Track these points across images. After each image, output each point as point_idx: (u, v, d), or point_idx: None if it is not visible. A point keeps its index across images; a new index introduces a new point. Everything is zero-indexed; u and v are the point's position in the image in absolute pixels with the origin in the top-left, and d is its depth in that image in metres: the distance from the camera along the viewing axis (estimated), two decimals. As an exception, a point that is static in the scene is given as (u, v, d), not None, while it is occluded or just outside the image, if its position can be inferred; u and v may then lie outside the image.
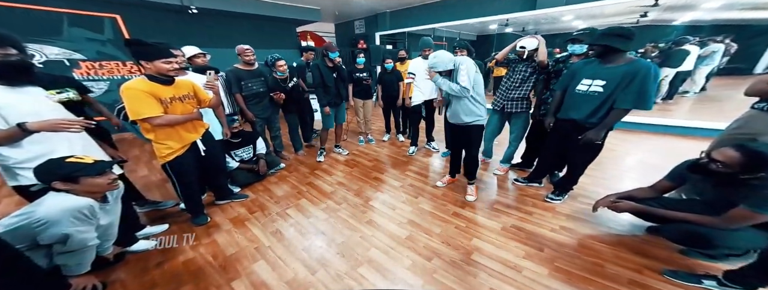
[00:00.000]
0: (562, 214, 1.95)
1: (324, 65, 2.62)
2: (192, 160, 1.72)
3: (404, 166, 2.89)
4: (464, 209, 2.07)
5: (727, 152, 1.18)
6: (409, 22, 5.80)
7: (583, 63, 1.77)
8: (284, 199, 2.30)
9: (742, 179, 1.19)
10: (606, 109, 1.63)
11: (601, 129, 1.66)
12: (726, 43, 4.09)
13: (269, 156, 2.78)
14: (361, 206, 2.17)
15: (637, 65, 1.49)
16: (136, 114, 1.41)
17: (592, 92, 1.65)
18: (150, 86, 1.44)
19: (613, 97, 1.58)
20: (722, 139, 1.60)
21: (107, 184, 1.22)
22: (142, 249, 1.65)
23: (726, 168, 1.19)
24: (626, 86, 1.52)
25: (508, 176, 2.56)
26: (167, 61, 1.45)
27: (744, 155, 1.14)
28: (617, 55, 1.55)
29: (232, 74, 2.48)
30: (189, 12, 4.18)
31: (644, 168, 2.66)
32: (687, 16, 4.01)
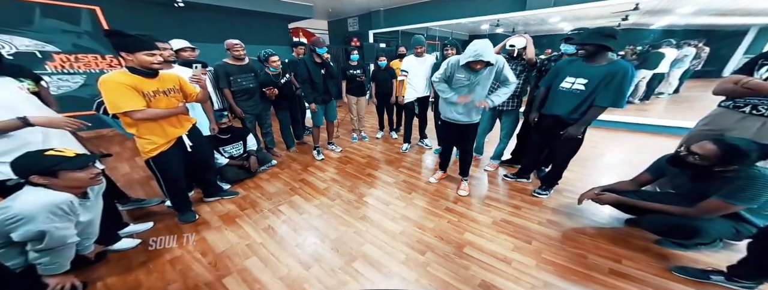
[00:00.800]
0: (549, 208, 2.03)
1: (311, 61, 2.55)
2: (178, 156, 1.67)
3: (397, 163, 2.91)
4: (456, 204, 2.11)
5: (705, 146, 1.25)
6: (402, 20, 5.82)
7: (566, 61, 1.84)
8: (276, 196, 2.28)
9: (716, 172, 1.27)
10: (587, 105, 1.72)
11: (581, 125, 1.76)
12: (698, 47, 4.35)
13: (260, 153, 2.74)
14: (354, 202, 2.17)
15: (618, 66, 1.59)
16: (116, 107, 1.36)
17: (574, 89, 1.73)
18: (131, 79, 1.39)
19: (594, 95, 1.67)
20: (692, 135, 1.70)
21: (89, 179, 1.17)
22: (125, 248, 1.59)
23: (703, 161, 1.26)
24: (606, 86, 1.61)
25: (499, 172, 2.63)
26: (151, 53, 1.40)
27: (720, 148, 1.21)
28: (602, 55, 1.64)
29: (220, 68, 2.42)
30: (175, 5, 4.02)
31: (623, 164, 2.80)
32: (663, 21, 4.24)
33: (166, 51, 1.80)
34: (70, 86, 3.71)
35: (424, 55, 2.80)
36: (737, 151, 1.19)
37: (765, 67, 1.34)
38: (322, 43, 2.54)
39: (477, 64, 1.65)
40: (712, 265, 1.42)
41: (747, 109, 1.44)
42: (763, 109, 1.38)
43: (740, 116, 1.47)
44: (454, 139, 2.19)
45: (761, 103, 1.38)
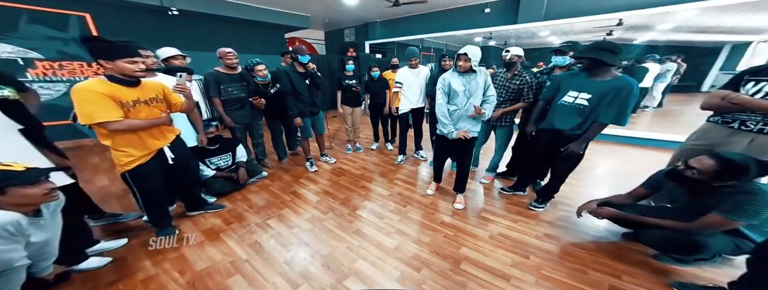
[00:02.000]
0: (546, 221, 1.99)
1: (294, 71, 2.43)
2: (157, 168, 1.58)
3: (392, 175, 2.86)
4: (453, 217, 2.06)
5: (704, 161, 1.25)
6: (398, 32, 5.96)
7: (568, 75, 1.82)
8: (265, 209, 2.18)
9: (715, 187, 1.26)
10: (591, 121, 1.68)
11: (583, 142, 1.72)
12: (678, 63, 4.56)
13: (250, 164, 2.65)
14: (347, 215, 2.09)
15: (623, 82, 1.55)
16: (89, 118, 1.27)
17: (578, 104, 1.68)
18: (109, 88, 1.31)
19: (598, 110, 1.63)
20: (683, 149, 1.71)
21: (42, 195, 1.07)
22: (92, 267, 1.46)
23: (701, 175, 1.25)
24: (610, 102, 1.57)
25: (494, 184, 2.60)
26: (132, 60, 1.33)
27: (719, 163, 1.21)
28: (604, 69, 1.60)
29: (211, 77, 2.37)
30: (169, 13, 4.01)
31: (614, 176, 2.82)
32: (645, 36, 4.46)
33: (149, 58, 1.74)
34: (51, 94, 3.58)
35: (419, 66, 2.82)
36: (736, 166, 1.18)
37: (751, 83, 1.36)
38: (304, 51, 2.44)
39: (462, 60, 1.75)
40: (713, 281, 1.39)
41: (735, 125, 1.46)
42: (751, 125, 1.40)
43: (729, 131, 1.48)
44: (449, 153, 2.17)
45: (749, 118, 1.40)
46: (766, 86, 1.31)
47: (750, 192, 1.19)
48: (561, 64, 2.04)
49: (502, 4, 4.36)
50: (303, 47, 2.48)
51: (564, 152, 1.78)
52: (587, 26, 3.83)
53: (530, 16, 4.02)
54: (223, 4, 4.40)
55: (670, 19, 3.65)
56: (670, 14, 3.34)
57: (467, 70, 1.78)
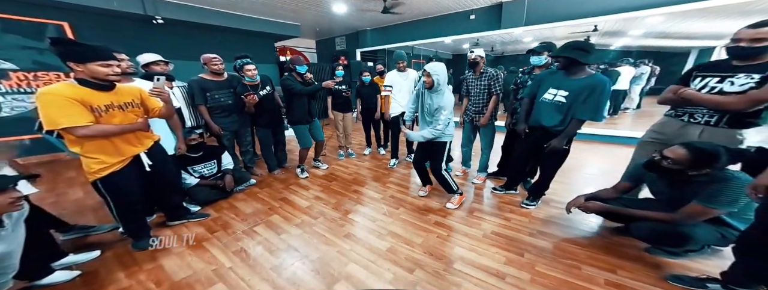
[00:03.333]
0: (538, 219, 1.99)
1: (294, 80, 2.45)
2: (133, 176, 1.50)
3: (385, 178, 2.82)
4: (445, 218, 2.03)
5: (676, 150, 1.29)
6: (389, 39, 6.06)
7: (547, 73, 1.91)
8: (253, 216, 2.09)
9: (691, 176, 1.29)
10: (570, 117, 1.75)
11: (564, 137, 1.78)
12: (651, 66, 4.80)
13: (237, 172, 2.56)
14: (339, 219, 2.03)
15: (596, 80, 1.63)
16: (53, 123, 1.19)
17: (557, 101, 1.76)
18: (78, 91, 1.25)
19: (575, 107, 1.70)
20: (642, 142, 1.79)
21: (8, 204, 1.01)
22: (57, 282, 1.35)
23: (676, 165, 1.28)
24: (585, 99, 1.65)
25: (486, 184, 2.60)
26: (105, 64, 1.28)
27: (690, 152, 1.25)
28: (579, 68, 1.69)
29: (196, 84, 2.31)
30: (154, 22, 3.97)
31: (601, 173, 2.88)
32: (620, 42, 4.70)
33: (124, 62, 1.68)
34: (25, 107, 3.42)
35: (407, 70, 2.85)
36: (707, 154, 1.22)
37: (698, 78, 1.45)
38: (301, 61, 2.46)
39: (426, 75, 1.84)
40: (706, 273, 1.39)
41: (685, 117, 1.54)
42: (699, 117, 1.48)
43: (681, 123, 1.57)
44: (422, 155, 2.19)
45: (697, 111, 1.48)
46: (710, 81, 1.40)
47: (724, 180, 1.21)
48: (538, 63, 2.12)
49: (486, 10, 4.54)
50: (300, 58, 2.49)
51: (547, 148, 1.83)
52: (566, 32, 4.02)
53: (512, 22, 4.21)
54: (210, 13, 4.38)
55: (639, 25, 3.87)
56: (639, 20, 3.54)
57: (430, 86, 1.85)
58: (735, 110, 1.34)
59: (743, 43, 1.26)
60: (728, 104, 1.34)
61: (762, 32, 1.21)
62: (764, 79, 1.25)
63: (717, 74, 1.39)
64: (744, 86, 1.29)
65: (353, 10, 4.66)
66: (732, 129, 1.39)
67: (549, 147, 1.82)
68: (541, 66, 2.13)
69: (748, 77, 1.28)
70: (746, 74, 1.29)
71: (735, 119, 1.37)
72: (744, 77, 1.30)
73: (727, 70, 1.35)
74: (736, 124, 1.38)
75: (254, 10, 4.58)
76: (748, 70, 1.29)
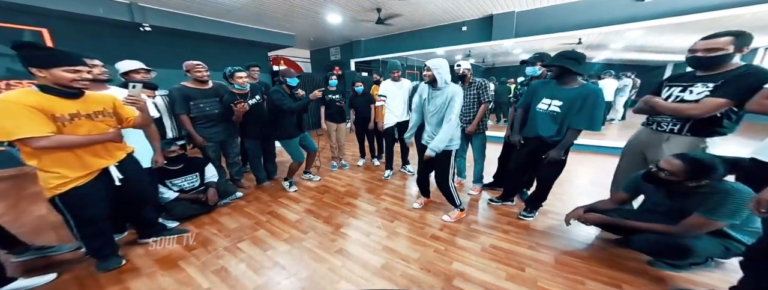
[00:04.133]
0: (537, 231, 1.93)
1: (284, 93, 2.38)
2: (99, 191, 1.36)
3: (379, 190, 2.73)
4: (442, 231, 1.95)
5: (671, 161, 1.27)
6: (382, 50, 6.14)
7: (540, 83, 1.91)
8: (237, 232, 1.96)
9: (690, 187, 1.27)
10: (566, 127, 1.74)
11: (561, 148, 1.76)
12: (632, 78, 5.01)
13: (222, 184, 2.42)
14: (330, 234, 1.92)
15: (588, 90, 1.64)
16: (7, 133, 1.09)
17: (551, 111, 1.76)
18: (38, 99, 1.15)
19: (570, 117, 1.70)
20: (624, 151, 1.83)
21: None
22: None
23: (673, 176, 1.26)
24: (579, 109, 1.66)
25: (482, 195, 2.55)
26: (72, 69, 1.19)
27: (685, 163, 1.23)
28: (570, 78, 1.70)
29: (178, 92, 2.19)
30: (141, 29, 3.88)
31: (592, 183, 2.88)
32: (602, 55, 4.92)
33: (96, 68, 1.57)
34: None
35: (401, 79, 2.84)
36: (702, 165, 1.21)
37: (666, 88, 1.52)
38: (292, 74, 2.40)
39: (425, 70, 1.78)
40: (712, 286, 1.35)
41: (654, 126, 1.60)
42: (665, 125, 1.54)
43: (650, 131, 1.62)
44: (426, 165, 2.08)
45: (663, 120, 1.55)
46: (675, 91, 1.47)
47: (724, 192, 1.19)
48: (533, 74, 2.14)
49: (478, 22, 4.69)
50: (291, 70, 2.43)
51: (546, 159, 1.81)
52: (553, 45, 4.17)
53: (503, 34, 4.35)
54: (202, 22, 4.32)
55: (620, 39, 4.07)
56: (619, 33, 3.72)
57: (431, 80, 1.79)
58: (691, 116, 1.40)
59: (699, 53, 1.35)
60: (684, 111, 1.40)
61: (714, 42, 1.30)
62: (717, 87, 1.31)
63: (680, 83, 1.46)
64: (700, 94, 1.36)
65: (348, 21, 4.71)
66: (695, 137, 1.44)
67: (547, 158, 1.80)
68: (537, 77, 2.15)
69: (704, 86, 1.35)
70: (703, 83, 1.36)
71: (697, 127, 1.43)
72: (701, 85, 1.37)
73: (688, 80, 1.43)
74: (699, 132, 1.43)
75: (248, 19, 4.56)
76: (705, 79, 1.36)
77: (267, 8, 4.01)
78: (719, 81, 1.31)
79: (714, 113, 1.32)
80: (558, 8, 3.90)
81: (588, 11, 3.69)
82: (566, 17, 3.86)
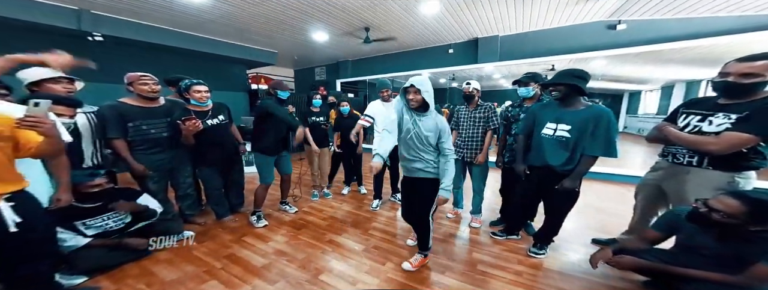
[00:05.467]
0: (553, 270, 1.66)
1: (276, 104, 2.16)
2: None
3: (367, 223, 2.34)
4: (445, 274, 1.61)
5: (726, 201, 1.09)
6: (369, 70, 6.06)
7: (540, 106, 1.77)
8: (175, 285, 1.46)
9: (751, 232, 1.09)
10: (579, 154, 1.54)
11: (576, 177, 1.56)
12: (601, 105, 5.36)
13: (161, 222, 1.89)
14: (306, 283, 1.50)
15: (598, 111, 1.49)
16: None
17: (559, 136, 1.57)
18: None
19: (583, 142, 1.51)
20: (641, 184, 1.71)
21: None
22: None
23: (730, 219, 1.08)
24: (592, 133, 1.48)
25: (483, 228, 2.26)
26: None
27: (746, 204, 1.06)
28: (575, 99, 1.55)
29: (110, 111, 1.72)
30: (90, 39, 3.39)
31: (586, 206, 2.66)
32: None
33: None
34: None
35: (392, 100, 2.55)
36: (766, 206, 1.04)
37: (683, 116, 1.38)
38: (284, 86, 2.22)
39: (412, 92, 1.45)
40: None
41: (669, 158, 1.46)
42: (680, 157, 1.39)
43: (668, 164, 1.48)
44: (411, 199, 1.67)
45: (678, 151, 1.40)
46: (693, 119, 1.33)
47: None
48: (527, 95, 2.00)
49: (464, 45, 4.81)
50: (283, 82, 2.24)
51: (559, 189, 1.59)
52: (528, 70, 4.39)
53: (488, 58, 4.49)
54: (167, 33, 3.92)
55: (586, 68, 4.35)
56: (586, 61, 3.98)
57: (420, 105, 1.46)
58: (709, 152, 1.23)
59: (731, 77, 1.18)
60: (701, 145, 1.24)
61: (755, 66, 1.13)
62: (740, 120, 1.16)
63: (700, 111, 1.31)
64: (721, 126, 1.21)
65: (334, 39, 4.61)
66: (719, 172, 1.27)
67: (561, 188, 1.58)
68: (531, 98, 2.03)
69: (726, 117, 1.20)
70: (724, 113, 1.21)
71: (718, 162, 1.26)
72: (722, 116, 1.21)
73: (709, 108, 1.28)
74: (724, 166, 1.25)
75: (225, 33, 4.27)
76: (728, 109, 1.21)
77: (246, 22, 3.77)
78: (744, 112, 1.16)
79: (737, 149, 1.17)
80: (538, 34, 4.12)
81: (565, 38, 3.92)
82: (544, 43, 4.08)
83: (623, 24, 3.45)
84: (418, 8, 3.32)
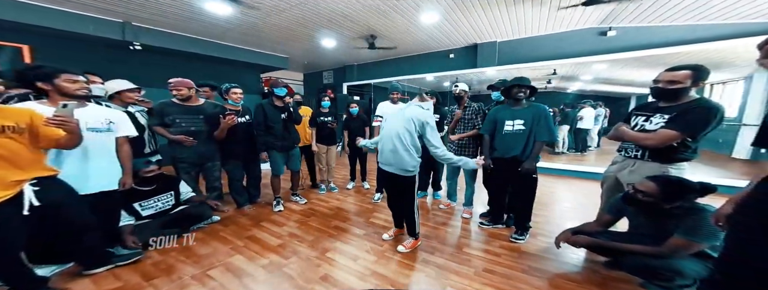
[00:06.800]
0: (529, 253, 1.89)
1: (269, 105, 2.41)
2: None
3: (369, 214, 2.62)
4: (434, 255, 1.86)
5: (645, 182, 1.32)
6: (374, 74, 6.38)
7: (496, 109, 2.09)
8: (208, 258, 1.78)
9: (667, 209, 1.30)
10: (532, 142, 1.92)
11: (533, 159, 1.91)
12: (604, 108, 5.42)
13: (195, 207, 2.21)
14: (315, 259, 1.78)
15: (539, 108, 1.92)
16: None
17: (517, 130, 1.95)
18: None
19: (534, 132, 1.91)
20: (604, 176, 1.89)
21: None
22: None
23: (649, 198, 1.30)
24: (538, 124, 1.90)
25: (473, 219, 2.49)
26: None
27: (658, 184, 1.28)
28: (522, 100, 1.95)
29: (158, 106, 2.19)
30: (130, 48, 3.85)
31: (575, 206, 2.93)
32: (575, 86, 5.34)
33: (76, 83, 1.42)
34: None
35: (399, 102, 2.82)
36: (673, 185, 1.26)
37: (634, 117, 1.62)
38: (280, 83, 2.42)
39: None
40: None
41: (623, 152, 1.69)
42: (630, 151, 1.62)
43: (621, 157, 1.72)
44: (390, 192, 1.98)
45: (629, 146, 1.64)
46: (639, 120, 1.56)
47: (699, 212, 1.23)
48: (498, 99, 2.29)
49: (464, 50, 5.06)
50: (279, 79, 2.47)
51: (521, 171, 1.93)
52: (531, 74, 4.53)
53: (487, 62, 4.71)
54: (195, 42, 4.37)
55: (588, 71, 4.47)
56: (587, 65, 4.10)
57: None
58: (646, 146, 1.48)
59: (661, 84, 1.44)
60: (641, 140, 1.48)
61: (674, 75, 1.38)
62: (671, 119, 1.38)
63: (644, 113, 1.55)
64: (657, 124, 1.43)
65: (342, 45, 4.94)
66: (657, 163, 1.48)
67: (523, 170, 1.92)
68: (501, 101, 2.27)
69: (661, 117, 1.43)
70: (660, 114, 1.44)
71: (656, 154, 1.48)
72: (659, 116, 1.44)
73: (650, 111, 1.52)
74: (661, 159, 1.47)
75: (243, 40, 4.67)
76: (664, 110, 1.44)
77: (263, 31, 4.16)
78: (674, 113, 1.39)
79: (668, 144, 1.39)
80: (534, 39, 4.31)
81: (559, 43, 4.09)
82: (540, 48, 4.26)
83: (613, 30, 3.62)
84: (419, 17, 3.60)
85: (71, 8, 3.23)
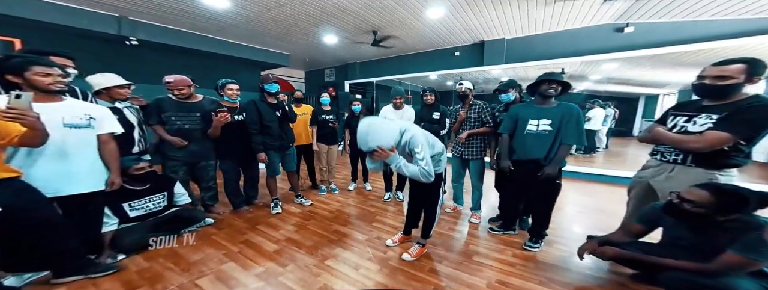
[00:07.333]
0: (545, 263, 1.75)
1: (262, 101, 2.29)
2: None
3: (372, 217, 2.48)
4: (442, 263, 1.72)
5: (697, 192, 1.17)
6: (377, 72, 6.19)
7: (521, 106, 1.92)
8: (199, 265, 1.64)
9: (720, 222, 1.16)
10: (558, 145, 1.73)
11: (556, 164, 1.72)
12: (614, 109, 5.27)
13: (187, 211, 2.10)
14: (313, 267, 1.65)
15: (570, 107, 1.72)
16: None
17: (542, 131, 1.75)
18: None
19: (561, 134, 1.72)
20: (633, 182, 1.72)
21: None
22: None
23: (699, 208, 1.15)
24: (567, 124, 1.70)
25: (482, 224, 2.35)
26: None
27: (713, 194, 1.13)
28: (550, 98, 1.77)
29: (154, 102, 2.08)
30: (126, 43, 3.73)
31: (588, 208, 2.76)
32: (583, 86, 5.19)
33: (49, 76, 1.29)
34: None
35: (404, 106, 2.68)
36: (731, 195, 1.11)
37: (672, 117, 1.46)
38: (270, 79, 2.29)
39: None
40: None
41: (658, 156, 1.53)
42: (668, 156, 1.46)
43: (657, 162, 1.55)
44: (414, 191, 1.87)
45: (666, 150, 1.47)
46: (679, 120, 1.40)
47: (760, 228, 1.08)
48: (508, 100, 2.14)
49: (470, 48, 4.87)
50: (269, 75, 2.34)
51: (541, 176, 1.74)
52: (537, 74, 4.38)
53: (494, 60, 4.51)
54: (193, 37, 4.24)
55: (597, 70, 4.32)
56: (596, 64, 3.95)
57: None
58: (691, 150, 1.31)
59: (707, 80, 1.26)
60: (685, 143, 1.32)
61: (724, 70, 1.21)
62: (720, 120, 1.22)
63: (686, 113, 1.39)
64: (703, 126, 1.27)
65: (344, 42, 4.79)
66: (702, 169, 1.32)
67: (544, 175, 1.73)
68: (512, 102, 2.14)
69: (708, 117, 1.27)
70: (707, 114, 1.28)
71: (701, 159, 1.32)
72: (705, 117, 1.28)
73: (694, 110, 1.35)
74: (707, 164, 1.31)
75: (242, 36, 4.54)
76: (711, 110, 1.28)
77: (262, 27, 4.02)
78: (724, 113, 1.23)
79: (717, 147, 1.22)
80: (544, 36, 4.14)
81: (572, 40, 3.92)
82: (550, 45, 4.09)
83: (631, 27, 3.46)
84: (424, 13, 3.45)
85: (65, 1, 3.11)
